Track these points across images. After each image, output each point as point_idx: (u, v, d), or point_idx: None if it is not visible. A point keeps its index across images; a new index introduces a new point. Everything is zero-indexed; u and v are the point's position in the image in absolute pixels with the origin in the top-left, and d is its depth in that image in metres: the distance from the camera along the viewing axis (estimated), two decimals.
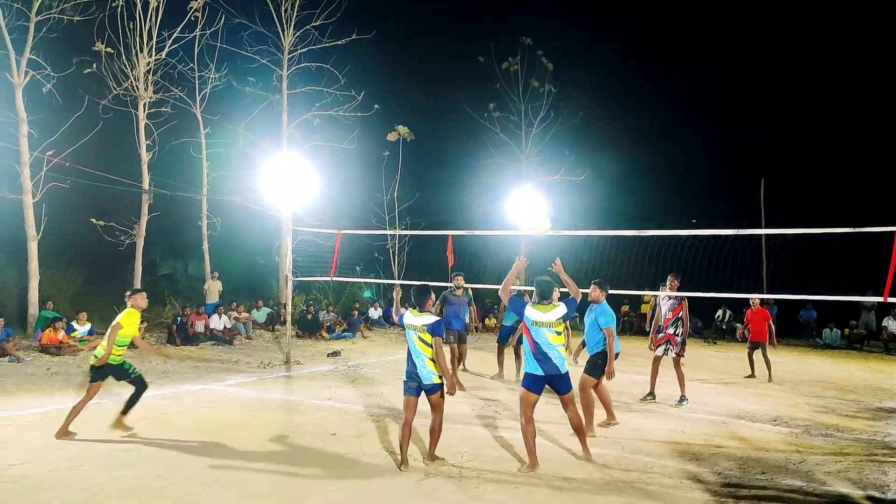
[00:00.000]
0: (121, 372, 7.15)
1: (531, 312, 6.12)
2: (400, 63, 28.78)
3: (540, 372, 6.04)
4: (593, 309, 7.81)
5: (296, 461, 6.11)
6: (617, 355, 7.52)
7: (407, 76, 28.79)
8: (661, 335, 9.51)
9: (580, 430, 6.36)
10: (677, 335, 9.41)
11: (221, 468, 5.82)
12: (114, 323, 7.01)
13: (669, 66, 32.65)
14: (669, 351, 9.42)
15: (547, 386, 6.13)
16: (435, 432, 6.03)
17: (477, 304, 21.14)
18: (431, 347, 5.89)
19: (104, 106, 15.54)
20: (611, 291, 8.92)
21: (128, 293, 7.45)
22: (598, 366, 7.56)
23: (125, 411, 7.08)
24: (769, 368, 12.05)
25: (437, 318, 6.04)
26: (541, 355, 6.04)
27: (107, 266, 18.54)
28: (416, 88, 28.35)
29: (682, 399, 9.26)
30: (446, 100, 26.00)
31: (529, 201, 20.36)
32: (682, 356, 9.52)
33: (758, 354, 12.31)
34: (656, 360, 9.59)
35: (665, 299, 9.55)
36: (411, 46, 29.98)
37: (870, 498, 5.47)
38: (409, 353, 6.02)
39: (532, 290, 6.37)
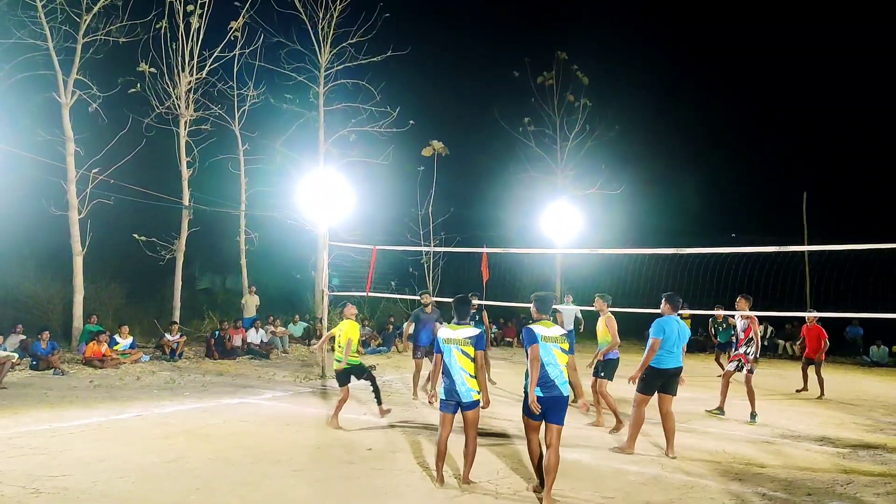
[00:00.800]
0: (360, 370, 8.45)
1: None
2: (435, 79, 29.08)
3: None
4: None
5: (332, 476, 6.11)
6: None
7: (442, 92, 29.04)
8: (735, 353, 9.82)
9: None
10: (748, 353, 9.58)
11: (259, 482, 5.85)
12: (347, 335, 8.27)
13: (708, 78, 32.28)
14: (743, 368, 9.59)
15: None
16: (470, 455, 5.87)
17: (513, 321, 21.10)
18: (474, 362, 5.76)
19: (147, 124, 16.00)
20: (641, 311, 8.89)
21: (344, 308, 8.88)
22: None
23: (378, 401, 8.69)
24: (821, 385, 11.90)
25: (480, 330, 5.95)
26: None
27: (148, 280, 19.00)
28: (451, 104, 28.55)
29: (753, 415, 9.28)
30: (481, 115, 26.17)
31: (565, 215, 20.26)
32: (753, 373, 9.63)
33: (811, 370, 12.19)
34: (727, 375, 9.79)
35: (738, 319, 9.83)
36: (446, 62, 30.27)
37: None
38: (445, 369, 5.83)
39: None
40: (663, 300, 7.61)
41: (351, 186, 14.18)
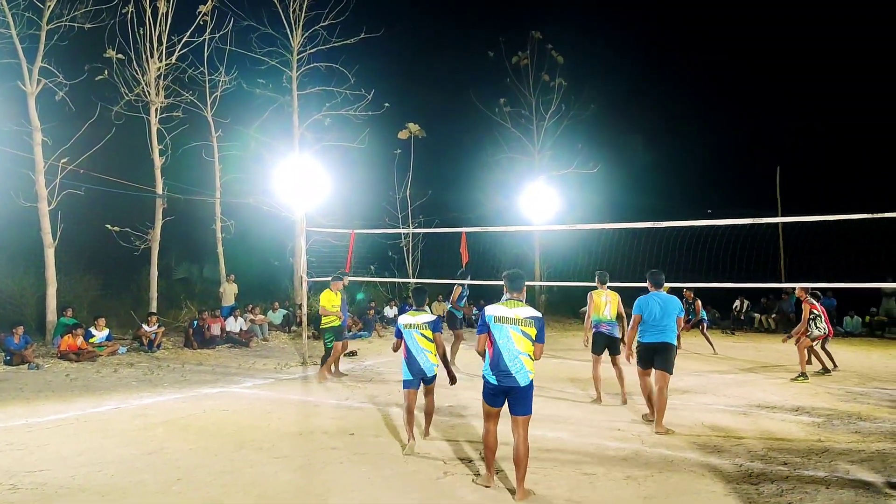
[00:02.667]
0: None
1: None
2: (409, 60, 28.80)
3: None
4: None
5: (314, 462, 6.11)
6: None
7: (416, 73, 28.79)
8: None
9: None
10: (816, 328, 11.23)
11: (241, 470, 5.83)
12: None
13: (681, 55, 32.36)
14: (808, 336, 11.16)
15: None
16: (429, 414, 6.89)
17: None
18: (433, 342, 6.51)
19: (116, 112, 15.68)
20: (623, 284, 9.01)
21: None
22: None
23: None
24: (831, 358, 11.81)
25: (436, 316, 6.70)
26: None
27: (123, 271, 18.71)
28: (426, 85, 28.34)
29: (801, 375, 10.78)
30: (457, 96, 26.02)
31: (543, 195, 20.31)
32: (814, 342, 11.36)
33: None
34: (801, 346, 11.13)
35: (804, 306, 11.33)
36: (420, 43, 29.98)
37: (894, 486, 5.36)
38: (409, 352, 6.53)
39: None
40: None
41: (327, 171, 14.06)
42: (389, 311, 19.82)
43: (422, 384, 6.65)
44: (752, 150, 28.65)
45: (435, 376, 6.66)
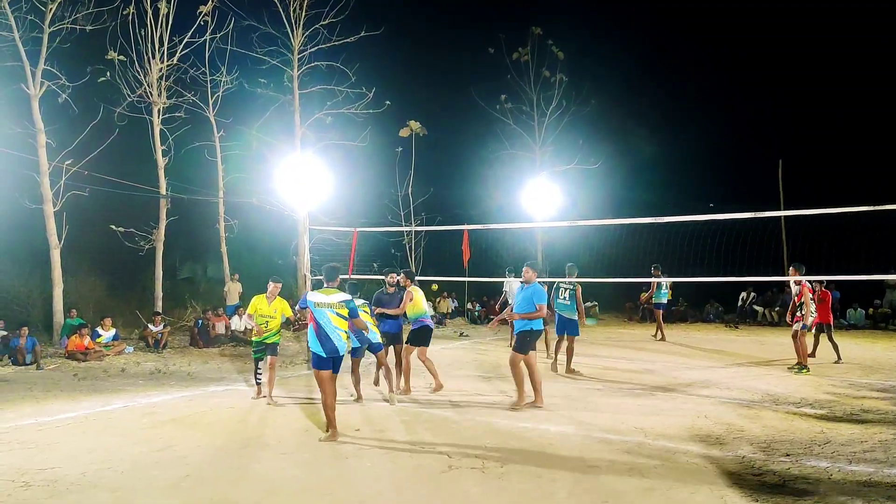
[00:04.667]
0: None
1: (313, 296, 6.73)
2: (410, 58, 28.78)
3: (322, 353, 6.66)
4: (526, 288, 8.31)
5: (320, 458, 6.18)
6: (540, 332, 8.31)
7: (417, 71, 28.76)
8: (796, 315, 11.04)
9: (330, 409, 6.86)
10: (802, 314, 10.89)
11: (249, 466, 5.90)
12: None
13: (681, 49, 32.28)
14: (799, 325, 10.86)
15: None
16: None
17: (496, 297, 21.25)
18: (346, 320, 6.74)
19: (119, 113, 15.74)
20: (632, 280, 9.24)
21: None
22: (526, 343, 8.22)
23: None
24: (836, 350, 12.18)
25: (352, 296, 7.00)
26: (323, 336, 6.65)
27: (128, 272, 18.81)
28: (427, 83, 28.32)
29: (802, 367, 10.76)
30: (458, 93, 25.99)
31: (544, 191, 20.34)
32: (806, 330, 10.99)
33: (823, 336, 12.50)
34: (795, 336, 10.97)
35: (792, 286, 11.12)
36: (420, 41, 29.98)
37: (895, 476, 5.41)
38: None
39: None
40: (528, 268, 8.48)
41: (329, 170, 14.11)
42: None
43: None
44: (753, 144, 28.58)
45: (351, 352, 7.08)
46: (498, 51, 22.64)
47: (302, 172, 13.15)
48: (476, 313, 20.64)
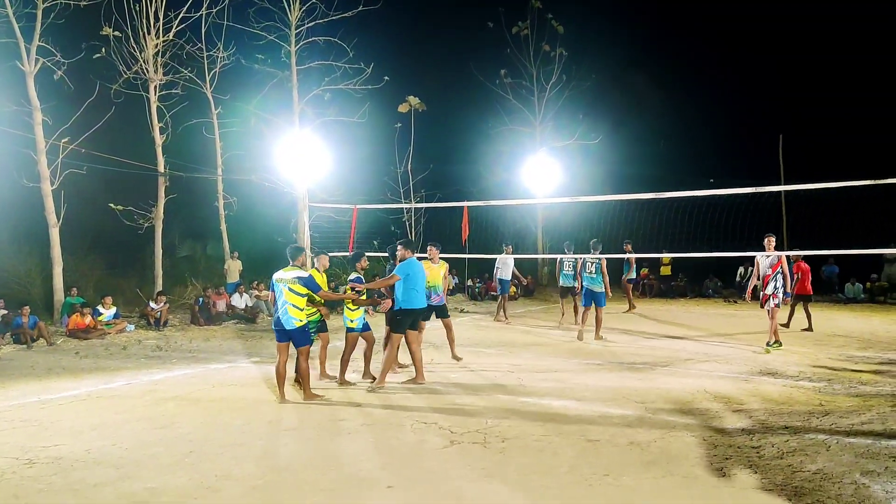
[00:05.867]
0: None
1: (276, 274, 7.37)
2: (408, 33, 28.52)
3: (274, 328, 7.36)
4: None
5: (323, 434, 6.23)
6: (418, 311, 8.20)
7: (416, 46, 28.48)
8: (763, 293, 10.32)
9: (305, 378, 7.46)
10: (778, 289, 10.17)
11: (251, 442, 5.95)
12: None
13: (681, 24, 31.92)
14: (771, 301, 10.21)
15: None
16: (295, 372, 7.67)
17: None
18: (300, 296, 7.21)
19: (116, 90, 15.61)
20: (629, 255, 9.24)
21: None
22: (397, 321, 8.09)
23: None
24: (809, 319, 12.82)
25: (308, 274, 7.34)
26: (276, 308, 7.34)
27: (127, 250, 18.83)
28: (426, 58, 28.05)
29: (774, 343, 10.28)
30: (457, 68, 25.81)
31: (544, 167, 20.25)
32: (779, 307, 10.36)
33: (799, 307, 12.97)
34: (770, 314, 10.29)
35: (763, 258, 10.27)
36: (419, 15, 29.63)
37: (893, 447, 5.46)
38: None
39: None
40: (401, 246, 8.25)
41: (328, 146, 14.06)
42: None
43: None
44: (754, 119, 28.39)
45: (296, 330, 7.20)
46: (497, 25, 22.43)
47: (301, 149, 13.11)
48: (476, 290, 20.68)
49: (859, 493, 4.55)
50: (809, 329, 12.59)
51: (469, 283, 21.86)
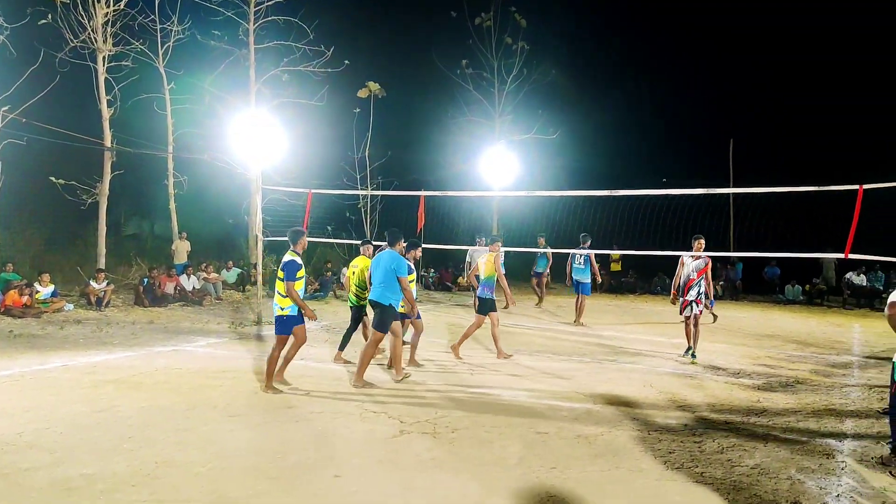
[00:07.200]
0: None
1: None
2: (370, 18, 28.17)
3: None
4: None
5: (271, 420, 6.11)
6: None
7: (378, 31, 28.20)
8: (684, 299, 9.60)
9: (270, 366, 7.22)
10: (701, 295, 9.51)
11: (196, 428, 5.80)
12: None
13: (641, 25, 32.42)
14: (695, 308, 9.51)
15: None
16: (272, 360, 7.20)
17: (447, 265, 21.34)
18: (281, 281, 7.01)
19: (61, 59, 14.92)
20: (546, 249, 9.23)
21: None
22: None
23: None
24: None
25: (292, 258, 7.05)
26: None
27: (69, 226, 18.12)
28: (388, 43, 27.78)
29: (689, 351, 9.60)
30: (418, 56, 25.50)
31: (502, 160, 20.31)
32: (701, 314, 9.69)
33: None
34: (687, 322, 9.65)
35: (690, 260, 9.62)
36: (382, 1, 29.29)
37: (827, 445, 5.67)
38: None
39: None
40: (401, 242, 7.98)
41: (284, 128, 13.75)
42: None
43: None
44: (707, 122, 29.07)
45: (278, 319, 7.11)
46: (460, 14, 22.28)
47: (256, 130, 12.78)
48: (430, 279, 20.67)
49: (795, 488, 4.71)
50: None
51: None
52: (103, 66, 15.47)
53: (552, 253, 15.67)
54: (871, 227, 9.63)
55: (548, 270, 16.04)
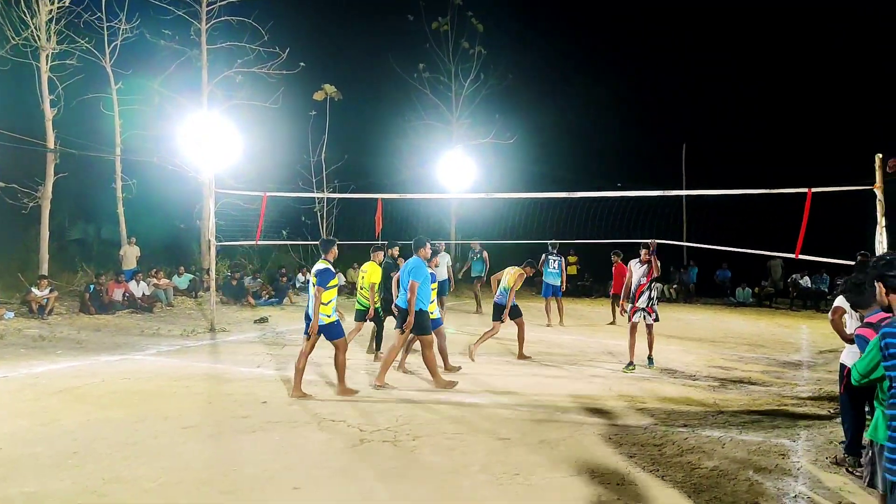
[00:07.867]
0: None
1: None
2: (326, 19, 27.90)
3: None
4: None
5: (225, 431, 5.91)
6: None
7: (334, 34, 27.95)
8: (633, 305, 9.26)
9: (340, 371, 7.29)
10: (653, 301, 9.27)
11: (145, 441, 5.56)
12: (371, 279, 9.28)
13: (596, 32, 32.97)
14: (645, 317, 9.24)
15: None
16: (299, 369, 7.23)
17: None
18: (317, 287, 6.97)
19: (2, 57, 14.29)
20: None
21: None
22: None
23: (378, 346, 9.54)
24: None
25: (324, 266, 7.05)
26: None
27: (8, 230, 17.30)
28: (344, 46, 27.58)
29: (629, 365, 9.17)
30: (375, 59, 25.34)
31: (460, 164, 20.34)
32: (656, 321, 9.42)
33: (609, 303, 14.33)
34: (633, 329, 9.28)
35: (637, 265, 9.35)
36: (338, 3, 29.06)
37: (782, 446, 5.78)
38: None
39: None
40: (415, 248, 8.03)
41: (238, 131, 13.47)
42: (301, 278, 19.39)
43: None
44: (660, 128, 29.68)
45: (327, 327, 7.02)
46: (417, 18, 22.29)
47: (208, 132, 12.48)
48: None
49: (753, 489, 4.76)
50: (613, 323, 14.14)
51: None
52: (46, 64, 14.87)
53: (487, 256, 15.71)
54: (817, 230, 9.90)
55: (483, 275, 15.61)
